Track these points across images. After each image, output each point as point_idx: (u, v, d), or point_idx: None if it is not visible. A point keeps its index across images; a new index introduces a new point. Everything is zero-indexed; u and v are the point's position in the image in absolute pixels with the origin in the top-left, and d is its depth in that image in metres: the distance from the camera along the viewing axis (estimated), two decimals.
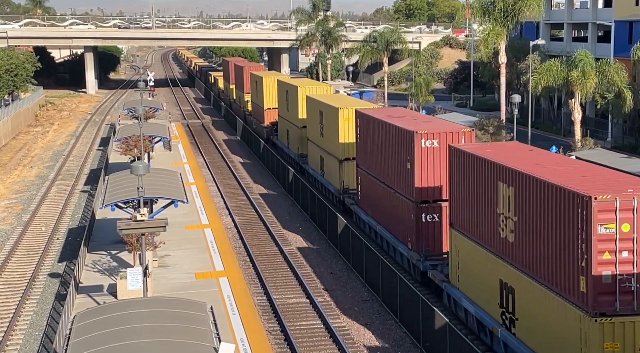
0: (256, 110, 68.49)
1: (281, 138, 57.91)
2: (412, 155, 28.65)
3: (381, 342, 25.04)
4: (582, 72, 50.80)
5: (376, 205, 33.72)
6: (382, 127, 32.23)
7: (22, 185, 51.56)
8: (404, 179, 29.69)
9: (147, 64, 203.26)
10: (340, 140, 40.03)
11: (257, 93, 67.27)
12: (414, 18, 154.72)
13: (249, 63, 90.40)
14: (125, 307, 18.37)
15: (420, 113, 45.90)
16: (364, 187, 35.68)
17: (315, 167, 46.05)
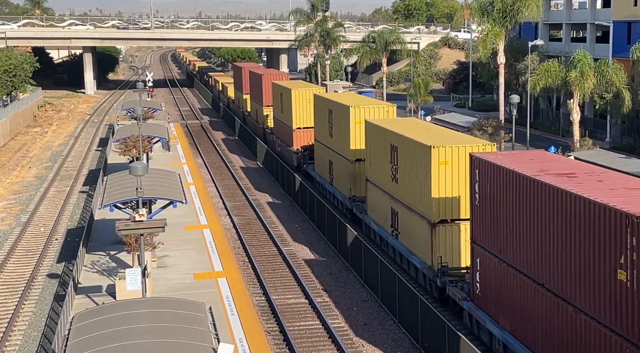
0: (281, 129, 56.12)
1: (319, 169, 46.03)
2: None
3: (380, 343, 25.03)
4: (580, 73, 50.84)
5: None
6: None
7: (20, 185, 51.53)
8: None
9: (145, 65, 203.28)
10: (434, 195, 27.39)
11: (282, 108, 55.02)
12: (412, 18, 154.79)
13: (268, 70, 77.98)
14: (124, 307, 18.36)
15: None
16: None
17: (384, 224, 33.47)
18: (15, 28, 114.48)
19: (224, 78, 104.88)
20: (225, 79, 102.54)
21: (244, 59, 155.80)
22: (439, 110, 76.82)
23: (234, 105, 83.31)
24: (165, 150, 57.57)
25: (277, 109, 57.11)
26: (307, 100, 50.06)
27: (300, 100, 50.82)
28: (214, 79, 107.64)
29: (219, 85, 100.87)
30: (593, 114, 63.69)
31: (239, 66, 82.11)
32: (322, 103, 44.91)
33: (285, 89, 53.49)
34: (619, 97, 53.04)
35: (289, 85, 55.51)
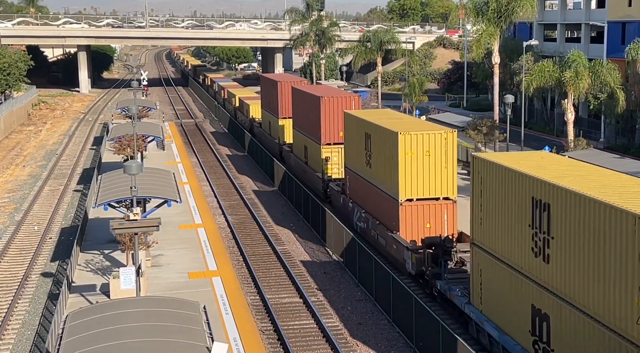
0: (359, 187, 35.58)
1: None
2: None
3: (374, 342, 25.04)
4: (575, 73, 50.92)
5: None
6: None
7: (14, 184, 51.42)
8: None
9: (140, 64, 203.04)
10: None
11: (366, 154, 34.17)
12: (407, 18, 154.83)
13: (327, 89, 50.20)
14: (118, 306, 18.34)
15: None
16: None
17: None
18: (10, 26, 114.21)
19: (240, 91, 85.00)
20: (243, 93, 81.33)
21: (238, 58, 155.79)
22: (434, 110, 76.88)
23: (261, 130, 63.98)
24: (160, 149, 57.52)
25: (350, 152, 37.08)
26: (424, 151, 30.63)
27: (408, 151, 30.58)
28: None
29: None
30: (587, 114, 63.81)
31: (271, 79, 61.06)
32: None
33: (381, 131, 32.27)
34: (613, 97, 53.15)
35: (377, 118, 34.39)
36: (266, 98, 62.06)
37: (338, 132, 42.53)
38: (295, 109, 50.74)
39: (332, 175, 42.66)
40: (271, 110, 59.18)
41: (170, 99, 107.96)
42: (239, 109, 76.67)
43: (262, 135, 63.00)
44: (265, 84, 64.18)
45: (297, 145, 50.31)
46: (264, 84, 64.83)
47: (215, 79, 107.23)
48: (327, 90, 49.02)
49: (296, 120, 50.45)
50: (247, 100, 73.18)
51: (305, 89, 50.91)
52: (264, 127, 63.22)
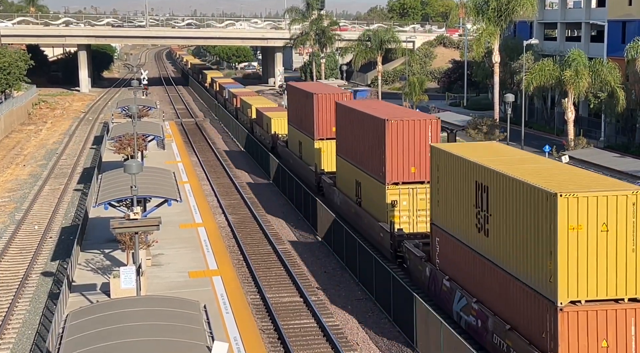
0: (461, 258, 24.66)
1: None
2: None
3: (374, 341, 25.05)
4: (575, 72, 50.96)
5: None
6: None
7: (15, 183, 51.43)
8: None
9: (140, 63, 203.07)
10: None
11: (478, 213, 23.22)
12: (408, 17, 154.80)
13: (388, 108, 38.13)
14: (119, 305, 18.34)
15: None
16: None
17: None
18: (10, 26, 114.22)
19: (257, 100, 73.73)
20: (261, 103, 70.89)
21: (238, 57, 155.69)
22: (434, 109, 76.85)
23: (287, 151, 52.52)
24: (160, 149, 57.52)
25: (449, 202, 25.48)
26: (599, 224, 19.74)
27: (574, 224, 19.72)
28: (240, 100, 76.10)
29: (250, 112, 68.74)
30: (587, 113, 63.80)
31: (305, 91, 48.40)
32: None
33: (514, 185, 21.08)
34: (614, 96, 53.17)
35: (520, 171, 21.87)
36: (296, 112, 49.97)
37: (409, 168, 32.21)
38: (341, 131, 38.68)
39: (403, 227, 31.47)
40: (303, 128, 47.75)
41: (171, 98, 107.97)
42: (257, 122, 65.31)
43: (290, 157, 51.64)
44: (294, 95, 51.44)
45: (343, 177, 38.33)
46: (292, 95, 52.20)
47: (225, 85, 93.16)
48: (390, 110, 36.87)
49: (342, 145, 38.55)
50: (267, 112, 61.51)
51: (357, 106, 38.05)
52: (291, 147, 51.57)
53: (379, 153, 32.86)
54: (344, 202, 37.98)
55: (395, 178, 32.02)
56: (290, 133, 51.92)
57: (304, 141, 47.54)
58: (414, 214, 31.98)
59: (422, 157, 31.64)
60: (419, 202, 31.76)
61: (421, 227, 31.37)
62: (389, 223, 31.23)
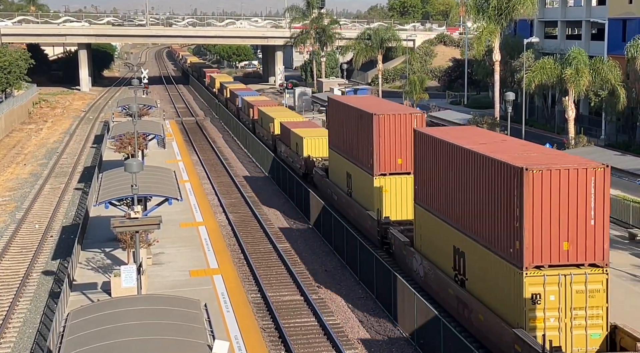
0: None
1: None
2: None
3: (375, 339, 25.05)
4: (575, 70, 50.93)
5: None
6: None
7: (15, 182, 51.44)
8: None
9: (141, 62, 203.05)
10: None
11: None
12: (408, 16, 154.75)
13: (499, 144, 25.31)
14: (119, 304, 18.35)
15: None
16: None
17: None
18: (10, 25, 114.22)
19: (281, 113, 61.32)
20: (286, 116, 58.61)
21: (239, 56, 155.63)
22: (435, 108, 76.83)
23: (329, 184, 41.21)
24: (161, 147, 57.52)
25: None
26: None
27: None
28: (259, 111, 64.83)
29: (273, 127, 57.47)
30: (588, 111, 63.78)
31: (358, 109, 36.27)
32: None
33: None
34: (614, 95, 53.15)
35: None
36: (341, 134, 38.96)
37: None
38: (422, 165, 27.59)
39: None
40: (354, 158, 36.71)
41: (171, 97, 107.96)
42: (282, 140, 53.69)
43: (332, 191, 40.38)
44: (338, 112, 39.78)
45: (429, 235, 27.26)
46: (336, 112, 40.44)
47: (238, 92, 79.26)
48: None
49: (425, 188, 27.29)
50: (297, 128, 50.17)
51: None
52: (334, 178, 40.57)
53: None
54: (436, 277, 26.16)
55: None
56: (333, 160, 40.75)
57: (355, 174, 36.50)
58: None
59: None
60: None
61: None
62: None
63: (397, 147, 33.45)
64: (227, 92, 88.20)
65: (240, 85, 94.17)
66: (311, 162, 46.26)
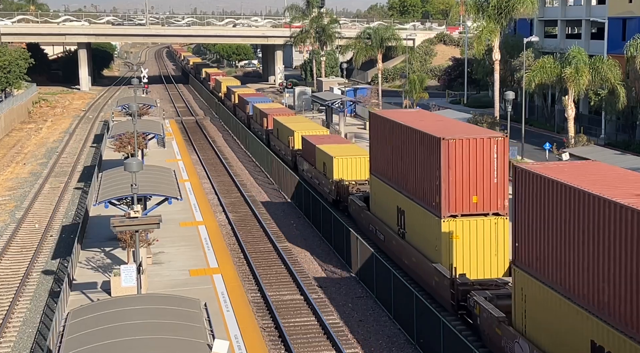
0: None
1: None
2: None
3: (375, 339, 25.05)
4: (575, 69, 50.92)
5: None
6: None
7: (15, 182, 51.43)
8: None
9: (140, 61, 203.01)
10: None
11: None
12: (408, 15, 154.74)
13: None
14: (119, 304, 18.34)
15: None
16: None
17: None
18: (10, 24, 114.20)
19: (303, 125, 52.41)
20: (309, 128, 50.63)
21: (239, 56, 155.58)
22: (434, 107, 76.86)
23: (373, 219, 33.43)
24: (161, 147, 57.51)
25: None
26: None
27: None
28: (274, 121, 57.20)
29: (292, 141, 50.20)
30: (588, 110, 63.78)
31: (419, 131, 27.99)
32: None
33: None
34: (614, 94, 53.14)
35: None
36: (389, 158, 31.17)
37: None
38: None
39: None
40: (409, 191, 28.94)
41: (171, 96, 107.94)
42: (304, 156, 46.43)
43: (378, 228, 32.37)
44: (386, 130, 31.78)
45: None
46: (380, 130, 32.50)
47: (248, 98, 72.05)
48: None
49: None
50: (323, 144, 42.89)
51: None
52: (378, 211, 32.66)
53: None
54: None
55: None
56: (377, 189, 32.72)
57: (411, 212, 28.62)
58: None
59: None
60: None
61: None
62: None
63: (472, 180, 25.68)
64: (235, 98, 79.88)
65: (250, 90, 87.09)
66: (344, 187, 38.43)
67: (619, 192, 17.45)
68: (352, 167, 39.65)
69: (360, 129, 69.76)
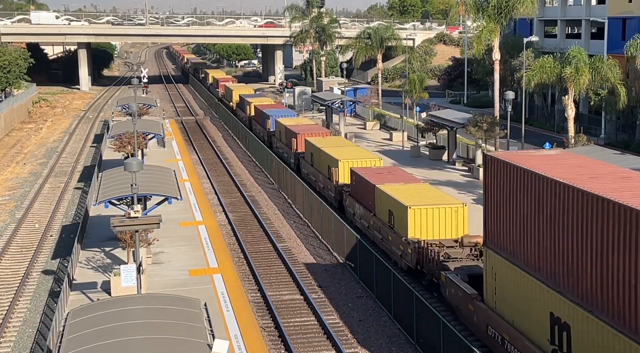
0: None
1: None
2: None
3: (375, 339, 25.05)
4: (575, 69, 50.87)
5: None
6: None
7: (15, 182, 51.43)
8: None
9: (140, 61, 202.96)
10: None
11: None
12: (408, 15, 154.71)
13: None
14: (119, 303, 18.34)
15: None
16: None
17: None
18: (10, 24, 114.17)
19: (345, 152, 41.22)
20: (354, 156, 40.54)
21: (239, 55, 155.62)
22: (434, 107, 76.77)
23: (512, 333, 20.71)
24: (160, 147, 57.52)
25: None
26: None
27: None
28: (305, 141, 46.24)
29: (337, 174, 39.25)
30: (588, 110, 63.78)
31: (604, 198, 16.69)
32: None
33: None
34: (614, 94, 53.12)
35: None
36: (536, 235, 19.51)
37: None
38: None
39: None
40: (582, 294, 17.70)
41: (171, 96, 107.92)
42: (360, 199, 35.02)
43: (513, 341, 20.58)
44: (533, 191, 19.64)
45: None
46: (519, 188, 20.30)
47: (269, 112, 59.77)
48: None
49: None
50: (390, 186, 32.05)
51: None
52: (510, 314, 20.91)
53: None
54: None
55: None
56: (502, 273, 21.36)
57: (582, 328, 17.73)
58: None
59: None
60: None
61: None
62: None
63: None
64: (250, 110, 67.72)
65: (267, 100, 72.08)
66: (426, 252, 27.76)
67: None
68: (436, 221, 28.97)
69: (360, 129, 69.78)
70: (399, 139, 61.95)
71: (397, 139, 62.49)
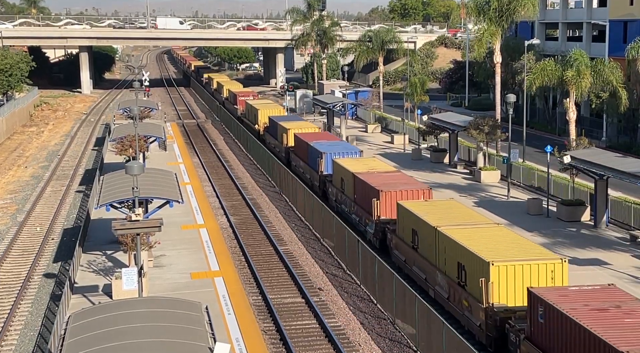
0: None
1: None
2: None
3: (376, 342, 25.03)
4: (577, 72, 50.85)
5: None
6: None
7: (16, 185, 51.45)
8: None
9: (142, 64, 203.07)
10: None
11: None
12: (409, 18, 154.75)
13: None
14: (121, 307, 18.33)
15: None
16: None
17: None
18: (11, 27, 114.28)
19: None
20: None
21: (240, 58, 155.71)
22: (435, 110, 76.81)
23: None
24: (162, 150, 57.55)
25: None
26: None
27: None
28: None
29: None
30: (589, 113, 63.77)
31: None
32: None
33: None
34: (615, 96, 53.10)
35: None
36: None
37: None
38: None
39: None
40: None
41: (172, 99, 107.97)
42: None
43: None
44: None
45: None
46: None
47: (317, 144, 44.72)
48: None
49: None
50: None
51: None
52: None
53: None
54: None
55: None
56: None
57: None
58: None
59: None
60: None
61: None
62: None
63: None
64: (288, 139, 52.53)
65: (312, 127, 54.77)
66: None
67: None
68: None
69: (361, 132, 69.77)
70: (400, 142, 61.96)
71: (399, 142, 62.51)
